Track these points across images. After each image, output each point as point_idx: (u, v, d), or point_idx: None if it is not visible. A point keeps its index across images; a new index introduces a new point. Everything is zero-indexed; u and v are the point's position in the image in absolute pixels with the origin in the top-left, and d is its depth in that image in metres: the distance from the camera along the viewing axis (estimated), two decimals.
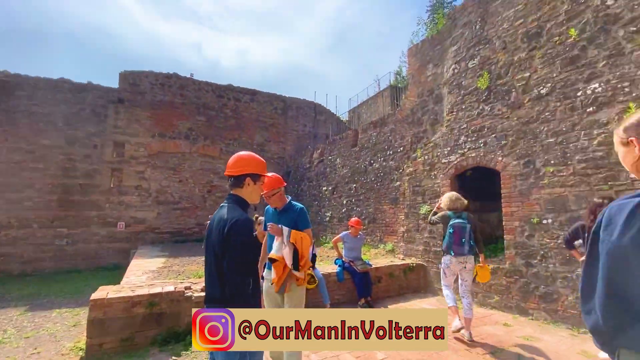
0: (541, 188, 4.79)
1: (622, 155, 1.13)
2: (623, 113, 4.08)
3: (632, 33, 4.17)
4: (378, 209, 8.58)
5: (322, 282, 4.88)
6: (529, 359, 3.28)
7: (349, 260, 5.42)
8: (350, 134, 10.81)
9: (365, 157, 9.59)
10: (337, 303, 5.21)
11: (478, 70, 6.12)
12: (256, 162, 1.88)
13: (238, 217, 1.64)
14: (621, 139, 1.12)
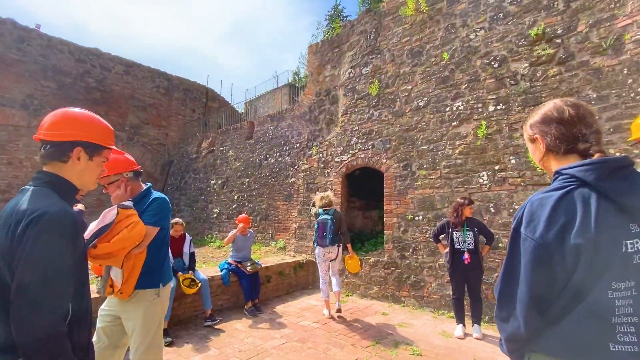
0: (415, 189, 5.42)
1: (531, 151, 1.14)
2: (477, 129, 4.96)
3: (486, 64, 5.10)
4: (271, 206, 8.33)
5: (204, 285, 4.30)
6: (404, 342, 3.58)
7: (236, 261, 4.95)
8: (246, 125, 10.22)
9: (260, 151, 9.19)
10: (220, 309, 4.70)
11: (370, 77, 6.55)
12: (96, 126, 1.28)
13: (46, 208, 1.01)
14: (529, 136, 1.12)
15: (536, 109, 1.12)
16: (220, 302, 4.77)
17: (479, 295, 3.94)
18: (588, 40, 4.27)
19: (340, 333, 3.89)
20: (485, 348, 3.47)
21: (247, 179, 9.37)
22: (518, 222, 0.98)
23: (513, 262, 0.97)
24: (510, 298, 0.96)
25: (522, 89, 4.67)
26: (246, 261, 4.98)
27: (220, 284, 4.78)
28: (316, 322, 4.27)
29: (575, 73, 4.31)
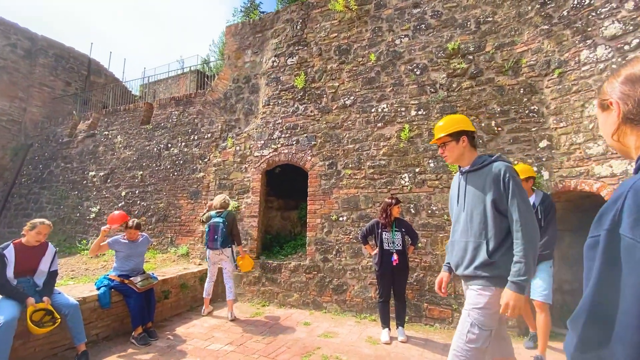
0: (340, 188, 5.22)
1: (601, 123, 0.86)
2: (400, 131, 5.06)
3: (409, 70, 5.27)
4: (172, 204, 7.05)
5: (74, 313, 3.10)
6: (333, 356, 3.23)
7: (121, 276, 3.82)
8: (142, 107, 8.53)
9: (160, 139, 7.74)
10: (96, 340, 3.51)
11: (296, 69, 6.14)
12: None
13: None
14: (600, 101, 0.83)
15: (614, 71, 0.84)
16: (97, 332, 3.57)
17: (404, 297, 3.91)
18: (494, 60, 4.78)
19: (260, 355, 3.30)
20: (411, 352, 3.40)
21: (140, 171, 7.77)
22: (615, 221, 0.66)
23: (611, 276, 0.65)
24: (606, 328, 0.65)
25: (440, 97, 4.96)
26: (136, 274, 3.89)
27: (97, 306, 3.58)
28: (230, 344, 3.56)
29: (483, 88, 4.77)
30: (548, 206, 3.12)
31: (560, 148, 4.20)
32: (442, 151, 2.03)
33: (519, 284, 1.68)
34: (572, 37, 4.19)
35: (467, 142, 1.98)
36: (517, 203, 1.76)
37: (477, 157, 1.98)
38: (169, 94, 17.18)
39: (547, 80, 4.40)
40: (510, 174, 1.81)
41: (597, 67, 3.93)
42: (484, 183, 1.86)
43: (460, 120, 2.03)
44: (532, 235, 1.72)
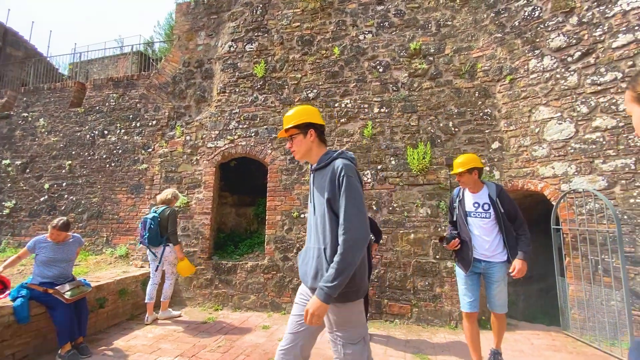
0: (303, 184, 5.02)
1: (637, 118, 0.77)
2: (364, 128, 5.01)
3: (372, 67, 5.24)
4: (108, 199, 6.22)
5: None
6: None
7: (43, 284, 3.20)
8: (71, 86, 7.40)
9: (94, 125, 6.78)
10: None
11: (255, 56, 5.77)
12: None
13: None
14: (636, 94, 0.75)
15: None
16: (12, 351, 2.93)
17: (367, 295, 3.84)
18: (452, 63, 4.95)
19: None
20: (375, 349, 3.36)
21: (68, 160, 6.74)
22: None
23: None
24: None
25: (402, 96, 5.01)
26: (64, 282, 3.28)
27: (12, 321, 2.94)
28: (180, 356, 3.17)
29: (442, 89, 4.92)
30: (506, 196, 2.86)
31: (509, 150, 4.50)
32: (290, 145, 1.83)
33: (324, 290, 1.49)
34: (522, 46, 4.49)
35: (315, 136, 1.80)
36: (344, 204, 1.59)
37: (324, 154, 1.81)
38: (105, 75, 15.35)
39: (499, 85, 4.68)
40: (345, 172, 1.63)
41: (544, 75, 4.26)
42: (325, 182, 1.69)
43: (308, 111, 1.84)
44: (355, 241, 1.53)
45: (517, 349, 3.41)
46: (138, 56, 15.37)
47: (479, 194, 2.91)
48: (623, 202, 3.59)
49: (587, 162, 3.85)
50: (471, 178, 2.88)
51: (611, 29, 3.79)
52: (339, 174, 1.64)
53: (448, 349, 3.42)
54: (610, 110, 3.74)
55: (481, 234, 2.83)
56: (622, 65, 3.70)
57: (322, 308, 1.51)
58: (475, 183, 2.91)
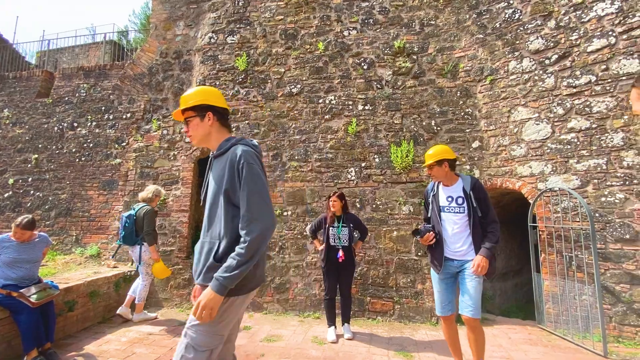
0: (285, 181, 4.92)
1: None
2: (348, 125, 4.96)
3: (357, 64, 5.20)
4: (78, 196, 5.87)
5: None
6: None
7: (5, 287, 2.95)
8: (39, 75, 6.92)
9: (63, 117, 6.37)
10: None
11: (237, 49, 5.59)
12: None
13: None
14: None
15: None
16: None
17: (350, 293, 3.83)
18: (435, 62, 4.99)
19: None
20: (359, 349, 3.34)
21: (34, 154, 6.30)
22: None
23: None
24: None
25: (386, 94, 5.00)
26: (29, 284, 3.04)
27: None
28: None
29: (425, 88, 4.95)
30: (480, 189, 2.64)
31: (489, 149, 4.59)
32: (186, 128, 1.68)
33: (219, 281, 1.38)
34: (503, 47, 4.58)
35: (214, 119, 1.64)
36: (246, 194, 1.47)
37: (225, 140, 1.65)
38: (76, 65, 14.51)
39: (480, 85, 4.76)
40: (245, 159, 1.50)
41: (523, 77, 4.37)
42: (224, 171, 1.54)
43: (207, 92, 1.66)
44: (260, 232, 1.43)
45: (496, 343, 3.49)
46: (111, 46, 14.64)
47: (453, 187, 2.70)
48: (595, 200, 3.74)
49: (562, 161, 3.98)
50: (442, 171, 2.69)
51: (587, 34, 3.92)
52: (238, 162, 1.51)
53: (430, 345, 3.45)
54: (584, 112, 3.88)
55: (454, 230, 2.60)
56: (596, 69, 3.84)
57: (215, 300, 1.38)
58: (447, 176, 2.71)
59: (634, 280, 3.48)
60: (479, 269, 2.43)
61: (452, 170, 2.73)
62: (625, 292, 3.51)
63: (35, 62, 15.08)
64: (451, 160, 2.71)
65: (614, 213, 3.64)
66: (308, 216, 4.74)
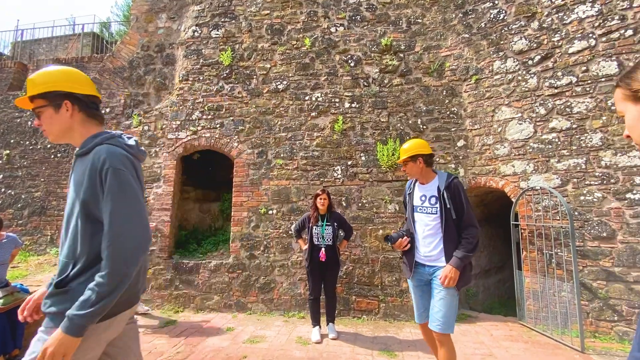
0: (271, 179, 4.85)
1: (635, 119, 0.70)
2: (334, 123, 4.92)
3: (344, 61, 5.15)
4: (53, 194, 5.63)
5: None
6: None
7: None
8: (11, 67, 6.58)
9: None
10: None
11: (222, 43, 5.45)
12: None
13: None
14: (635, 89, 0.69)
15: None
16: None
17: (334, 293, 3.80)
18: (421, 61, 5.00)
19: None
20: (343, 349, 3.31)
21: (6, 150, 6.00)
22: None
23: None
24: None
25: (373, 92, 4.98)
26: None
27: None
28: None
29: (412, 86, 4.95)
30: (455, 188, 2.36)
31: (474, 148, 4.63)
32: (37, 122, 1.33)
33: (73, 320, 1.08)
34: (488, 47, 4.62)
35: (76, 110, 1.31)
36: (110, 208, 1.18)
37: (91, 136, 1.32)
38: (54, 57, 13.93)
39: (465, 85, 4.79)
40: (110, 164, 1.21)
41: (507, 77, 4.41)
42: (84, 177, 1.24)
43: (66, 74, 1.32)
44: (127, 253, 1.16)
45: (478, 340, 3.53)
46: (92, 38, 14.13)
47: (428, 185, 2.45)
48: (574, 199, 3.83)
49: (544, 161, 4.05)
50: (416, 167, 2.44)
51: (568, 35, 3.99)
52: (101, 167, 1.20)
53: (414, 344, 3.46)
54: (565, 112, 3.96)
55: (425, 232, 2.37)
56: (577, 70, 3.92)
57: (67, 344, 1.07)
58: (422, 173, 2.46)
59: (610, 276, 3.59)
60: (446, 281, 2.17)
61: (428, 166, 2.48)
62: (602, 288, 3.61)
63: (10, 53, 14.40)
64: (426, 155, 2.46)
65: (592, 211, 3.73)
66: (294, 215, 4.68)
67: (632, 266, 3.50)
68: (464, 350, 3.26)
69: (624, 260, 3.53)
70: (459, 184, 2.40)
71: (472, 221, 2.30)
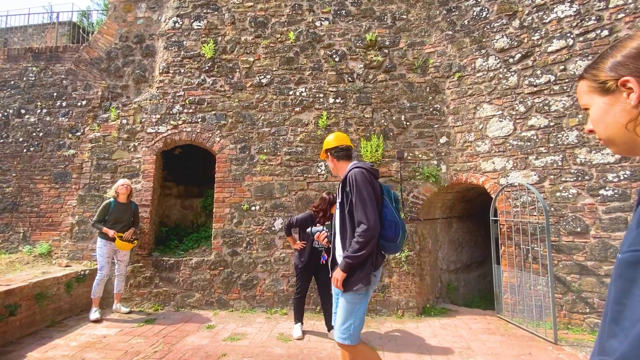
0: (254, 175, 4.78)
1: (600, 111, 0.68)
2: (318, 118, 4.88)
3: (328, 56, 5.10)
4: (26, 189, 5.40)
5: None
6: None
7: None
8: None
9: (8, 102, 5.81)
10: None
11: (204, 35, 5.31)
12: None
13: None
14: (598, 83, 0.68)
15: (616, 44, 0.68)
16: None
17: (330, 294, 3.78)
18: (406, 57, 5.00)
19: None
20: (324, 345, 3.32)
21: None
22: None
23: None
24: None
25: (357, 87, 4.95)
26: None
27: None
28: None
29: (396, 82, 4.95)
30: (349, 179, 2.06)
31: (456, 145, 4.68)
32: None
33: None
34: (470, 45, 4.65)
35: None
36: None
37: None
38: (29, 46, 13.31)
39: (448, 82, 4.82)
40: None
41: (488, 74, 4.46)
42: None
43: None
44: None
45: (457, 334, 3.59)
46: (70, 27, 13.57)
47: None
48: (551, 195, 3.92)
49: (523, 158, 4.13)
50: (330, 163, 2.29)
51: (547, 34, 4.06)
52: None
53: (395, 339, 3.49)
54: (543, 110, 4.04)
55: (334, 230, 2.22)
56: (555, 69, 3.99)
57: None
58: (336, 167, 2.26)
59: (583, 270, 3.70)
60: (334, 282, 1.99)
61: (340, 160, 2.25)
62: (575, 282, 3.72)
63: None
64: (332, 149, 2.25)
65: (567, 207, 3.83)
66: (277, 211, 4.64)
67: (604, 260, 3.62)
68: (442, 344, 3.32)
69: (596, 255, 3.65)
70: (358, 173, 2.05)
71: (361, 217, 1.96)
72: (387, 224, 2.03)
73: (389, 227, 2.02)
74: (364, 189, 1.99)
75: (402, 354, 3.13)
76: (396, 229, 2.03)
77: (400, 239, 2.06)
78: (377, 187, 2.09)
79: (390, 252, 2.10)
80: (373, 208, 1.97)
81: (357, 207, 1.97)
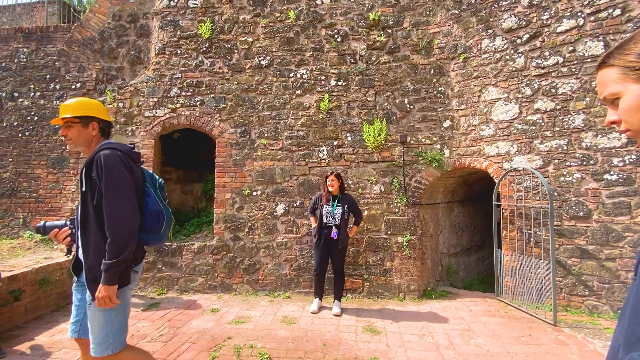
0: (255, 160, 4.72)
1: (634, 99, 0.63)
2: (320, 101, 4.77)
3: (330, 36, 4.94)
4: (24, 174, 5.33)
5: None
6: (247, 346, 2.92)
7: None
8: None
9: (0, 85, 5.64)
10: None
11: (200, 14, 5.11)
12: None
13: None
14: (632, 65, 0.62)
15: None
16: None
17: (342, 271, 3.94)
18: (409, 38, 4.84)
19: (157, 357, 2.74)
20: (328, 327, 3.37)
21: None
22: None
23: None
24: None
25: (360, 69, 4.82)
26: None
27: None
28: None
29: (399, 64, 4.82)
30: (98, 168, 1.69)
31: (459, 129, 4.61)
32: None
33: None
34: (477, 24, 4.50)
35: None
36: None
37: None
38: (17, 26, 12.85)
39: (453, 63, 4.70)
40: None
41: (495, 56, 4.34)
42: None
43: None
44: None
45: (458, 316, 3.65)
46: (60, 5, 13.06)
47: None
48: (555, 180, 3.90)
49: (527, 142, 4.08)
50: (70, 133, 1.79)
51: (557, 13, 3.92)
52: None
53: (397, 321, 3.55)
54: (550, 93, 3.95)
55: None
56: (564, 50, 3.88)
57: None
58: (79, 141, 1.82)
59: (584, 254, 3.73)
60: (100, 303, 1.60)
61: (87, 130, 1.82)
62: (575, 265, 3.76)
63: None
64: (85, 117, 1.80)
65: (570, 192, 3.82)
66: (278, 196, 4.62)
67: (605, 244, 3.65)
68: (444, 326, 3.38)
69: (598, 239, 3.68)
70: (109, 156, 1.67)
71: (114, 209, 1.63)
72: (147, 213, 1.77)
73: (149, 217, 1.76)
74: (118, 174, 1.65)
75: (404, 335, 3.18)
76: (159, 219, 1.79)
77: (165, 229, 1.83)
78: (138, 172, 1.79)
79: (152, 244, 1.84)
80: (130, 197, 1.67)
81: (109, 196, 1.62)
